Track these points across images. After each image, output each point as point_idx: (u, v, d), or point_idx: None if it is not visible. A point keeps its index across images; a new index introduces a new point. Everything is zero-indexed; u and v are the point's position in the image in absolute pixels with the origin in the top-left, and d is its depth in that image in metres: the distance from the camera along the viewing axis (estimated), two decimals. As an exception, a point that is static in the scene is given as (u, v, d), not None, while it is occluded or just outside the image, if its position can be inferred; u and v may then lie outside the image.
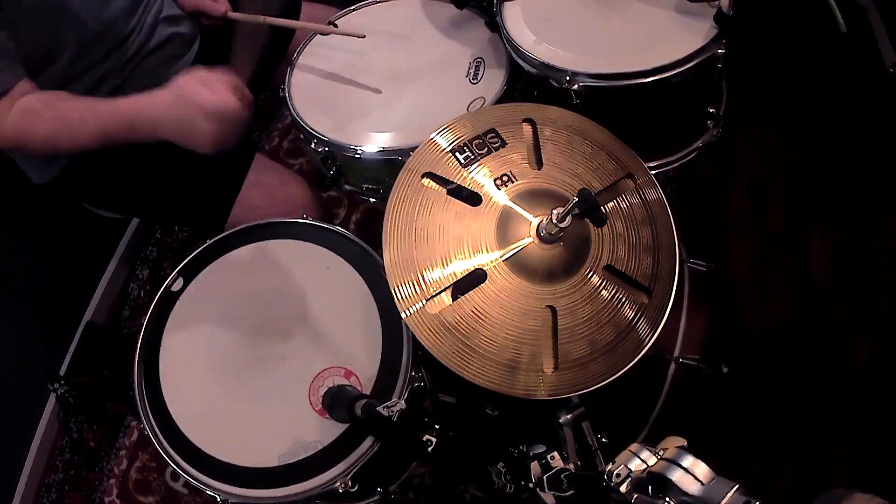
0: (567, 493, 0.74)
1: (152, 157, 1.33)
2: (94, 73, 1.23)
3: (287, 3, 1.33)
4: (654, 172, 1.02)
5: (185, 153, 1.34)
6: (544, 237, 0.87)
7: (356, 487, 0.94)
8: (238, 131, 1.06)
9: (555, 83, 1.14)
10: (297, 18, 1.48)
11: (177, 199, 1.36)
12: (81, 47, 1.19)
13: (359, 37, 1.29)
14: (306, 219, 1.16)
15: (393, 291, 0.86)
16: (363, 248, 1.10)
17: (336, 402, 0.87)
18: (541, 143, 0.98)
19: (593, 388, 0.85)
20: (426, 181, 0.93)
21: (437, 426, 0.81)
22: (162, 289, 1.11)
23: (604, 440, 0.99)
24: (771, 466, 1.48)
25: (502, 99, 1.21)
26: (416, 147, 0.96)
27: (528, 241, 0.88)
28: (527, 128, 0.99)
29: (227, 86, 1.04)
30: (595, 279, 0.89)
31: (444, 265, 0.87)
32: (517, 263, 0.88)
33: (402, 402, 0.81)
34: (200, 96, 1.02)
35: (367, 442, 0.95)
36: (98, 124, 1.07)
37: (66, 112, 1.08)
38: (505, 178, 0.93)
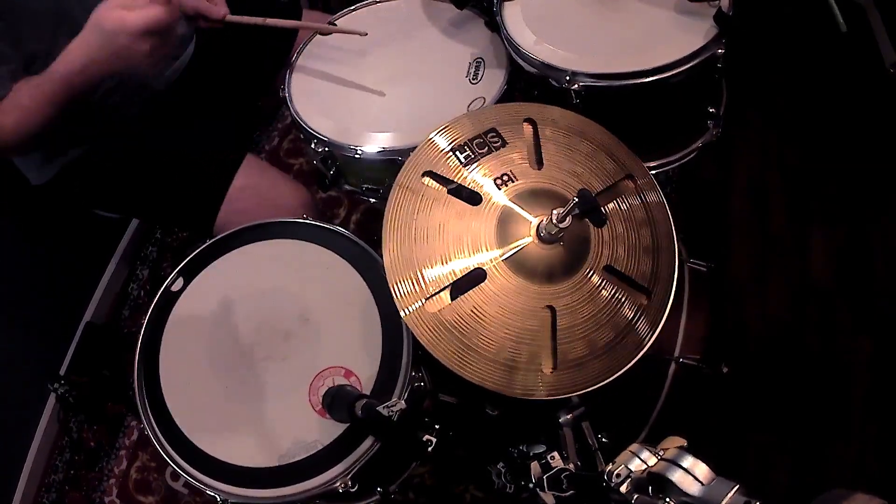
0: (567, 494, 0.74)
1: (150, 158, 1.34)
2: None
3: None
4: (654, 172, 1.02)
5: (174, 149, 1.34)
6: (544, 237, 0.87)
7: (356, 487, 0.94)
8: (172, 37, 1.05)
9: (555, 83, 1.14)
10: (299, 20, 1.49)
11: (166, 198, 1.36)
12: None
13: (360, 34, 1.29)
14: (306, 219, 1.16)
15: (392, 290, 0.86)
16: (363, 248, 1.10)
17: (336, 402, 0.87)
18: (541, 143, 0.97)
19: (592, 388, 0.85)
20: (426, 180, 0.93)
21: (437, 426, 0.81)
22: (162, 289, 1.11)
23: (604, 440, 0.99)
24: (771, 466, 1.48)
25: (502, 99, 1.21)
26: (416, 147, 0.96)
27: (527, 240, 0.88)
28: (527, 127, 0.99)
29: None
30: (594, 280, 0.89)
31: (443, 264, 0.87)
32: (517, 263, 0.88)
33: (402, 402, 0.81)
34: (123, 22, 0.99)
35: (367, 442, 0.95)
36: (44, 96, 1.07)
37: (20, 98, 1.09)
38: (505, 178, 0.93)
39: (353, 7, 1.45)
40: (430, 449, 0.78)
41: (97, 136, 1.30)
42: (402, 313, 0.85)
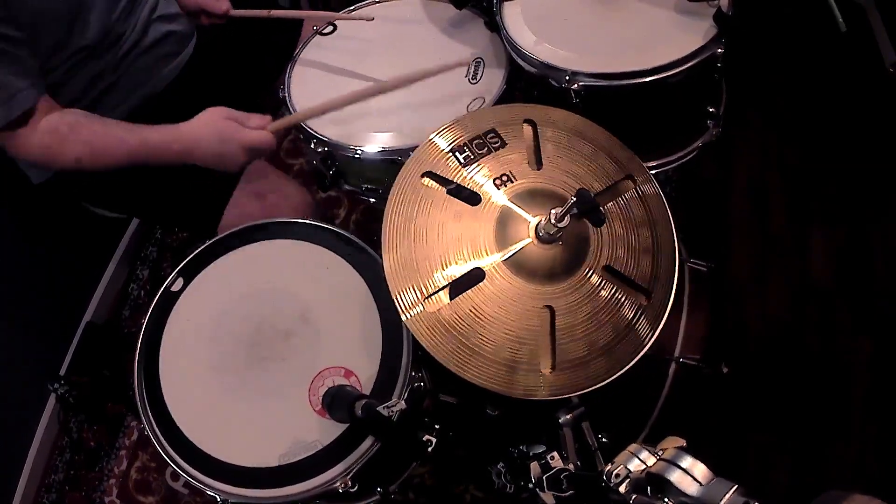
0: (566, 494, 0.74)
1: None
2: (89, 70, 1.23)
3: None
4: (653, 172, 1.02)
5: None
6: (543, 237, 0.87)
7: (356, 487, 0.94)
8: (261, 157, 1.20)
9: (554, 83, 1.14)
10: (299, 31, 1.49)
11: (169, 199, 1.36)
12: (82, 50, 1.20)
13: (367, 19, 1.29)
14: (306, 219, 1.16)
15: (393, 294, 0.86)
16: (363, 248, 1.10)
17: (336, 402, 0.87)
18: (541, 144, 0.98)
19: (592, 388, 0.85)
20: (426, 180, 0.93)
21: (437, 426, 0.81)
22: (162, 289, 1.11)
23: (603, 440, 0.99)
24: (771, 466, 1.48)
25: (502, 99, 1.21)
26: (416, 147, 0.96)
27: (526, 241, 0.88)
28: (527, 128, 0.99)
29: (263, 122, 1.16)
30: (594, 280, 0.89)
31: (443, 265, 0.87)
32: (516, 263, 0.88)
33: (402, 402, 0.81)
34: (242, 135, 1.14)
35: (367, 442, 0.95)
36: (126, 152, 1.15)
37: (93, 139, 1.14)
38: (504, 178, 0.93)
39: (352, 7, 1.45)
40: (430, 449, 0.78)
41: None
42: (403, 317, 0.85)
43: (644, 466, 0.63)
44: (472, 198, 0.92)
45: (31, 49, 1.10)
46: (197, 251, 1.14)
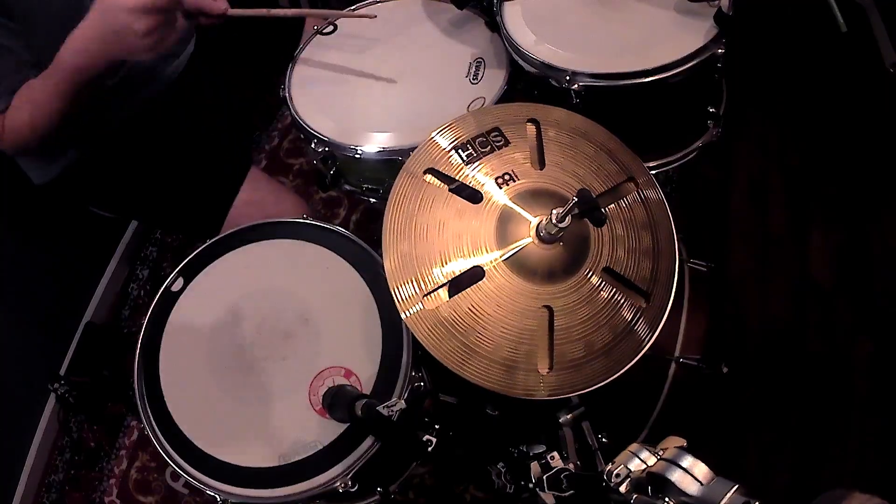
0: (567, 493, 0.74)
1: (153, 160, 1.34)
2: None
3: None
4: (654, 172, 1.02)
5: (184, 156, 1.34)
6: (544, 237, 0.87)
7: (356, 487, 0.94)
8: (173, 26, 1.00)
9: (555, 83, 1.14)
10: (301, 32, 1.48)
11: (172, 204, 1.36)
12: None
13: (370, 17, 1.29)
14: (306, 219, 1.16)
15: (392, 291, 0.86)
16: (363, 248, 1.10)
17: (336, 401, 0.87)
18: (544, 144, 0.97)
19: (590, 389, 0.85)
20: (428, 177, 0.93)
21: (437, 426, 0.81)
22: (162, 289, 1.11)
23: (604, 440, 0.99)
24: (771, 466, 1.48)
25: (502, 99, 1.21)
26: (416, 147, 0.96)
27: (527, 240, 0.88)
28: (530, 128, 0.99)
29: None
30: (593, 281, 0.89)
31: (442, 262, 0.87)
32: (515, 262, 0.88)
33: (402, 401, 0.81)
34: None
35: (367, 442, 0.95)
36: (55, 86, 1.06)
37: (31, 93, 1.09)
38: (507, 177, 0.93)
39: (352, 7, 1.45)
40: (430, 449, 0.78)
41: (96, 138, 1.30)
42: (402, 315, 0.85)
43: (645, 466, 0.63)
44: (473, 196, 0.91)
45: (25, 41, 1.09)
46: (197, 251, 1.14)
